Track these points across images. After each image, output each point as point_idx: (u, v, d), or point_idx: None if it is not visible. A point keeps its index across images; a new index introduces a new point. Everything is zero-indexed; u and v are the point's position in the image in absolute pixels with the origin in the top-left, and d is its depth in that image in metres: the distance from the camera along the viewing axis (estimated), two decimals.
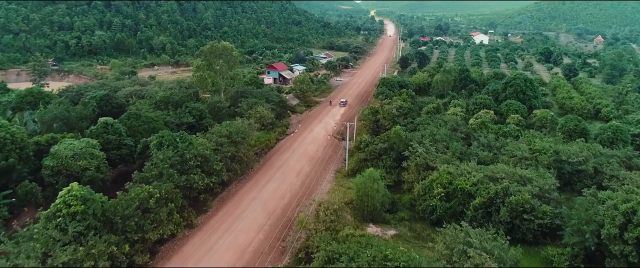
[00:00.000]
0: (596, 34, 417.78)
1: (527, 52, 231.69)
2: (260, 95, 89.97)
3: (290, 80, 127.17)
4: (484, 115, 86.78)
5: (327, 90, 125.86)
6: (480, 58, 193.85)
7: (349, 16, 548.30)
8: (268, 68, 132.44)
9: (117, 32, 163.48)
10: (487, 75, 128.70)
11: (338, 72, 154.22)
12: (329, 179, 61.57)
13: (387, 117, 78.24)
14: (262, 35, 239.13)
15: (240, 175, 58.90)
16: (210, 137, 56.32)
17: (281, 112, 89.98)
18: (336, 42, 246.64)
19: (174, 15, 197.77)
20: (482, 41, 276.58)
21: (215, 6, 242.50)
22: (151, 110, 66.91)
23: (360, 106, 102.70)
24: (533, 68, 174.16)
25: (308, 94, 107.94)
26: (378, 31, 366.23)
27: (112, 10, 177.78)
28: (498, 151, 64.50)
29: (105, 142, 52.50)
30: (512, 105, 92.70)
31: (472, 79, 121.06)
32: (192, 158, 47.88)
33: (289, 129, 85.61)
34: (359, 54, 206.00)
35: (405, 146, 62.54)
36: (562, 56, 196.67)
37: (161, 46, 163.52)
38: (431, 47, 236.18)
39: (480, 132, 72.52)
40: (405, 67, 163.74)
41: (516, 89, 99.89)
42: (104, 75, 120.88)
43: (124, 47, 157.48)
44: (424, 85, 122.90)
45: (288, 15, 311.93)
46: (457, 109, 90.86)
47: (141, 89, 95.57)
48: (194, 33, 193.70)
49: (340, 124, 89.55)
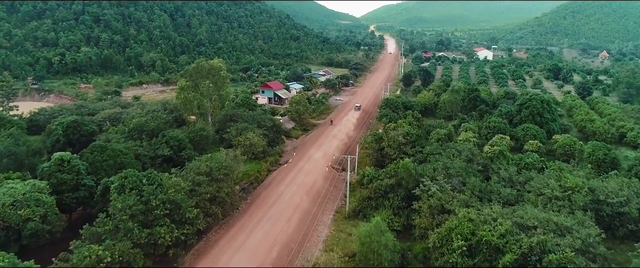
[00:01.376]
0: (599, 49, 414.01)
1: (534, 68, 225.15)
2: (251, 119, 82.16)
3: (286, 100, 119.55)
4: (500, 142, 78.97)
5: (326, 111, 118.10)
6: (487, 75, 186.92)
7: (348, 31, 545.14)
8: (262, 87, 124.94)
9: (105, 48, 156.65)
10: (497, 95, 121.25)
11: (337, 91, 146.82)
12: (327, 222, 53.17)
13: (392, 145, 70.10)
14: (259, 51, 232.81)
15: (223, 219, 50.49)
16: (186, 175, 48.12)
17: (274, 138, 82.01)
18: (336, 58, 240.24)
19: (167, 30, 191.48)
20: (486, 57, 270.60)
21: (211, 21, 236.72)
22: (123, 141, 58.74)
23: (361, 132, 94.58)
24: (542, 86, 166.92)
25: (305, 116, 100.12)
26: (378, 46, 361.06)
27: (101, 25, 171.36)
28: (522, 187, 56.60)
29: (58, 183, 44.37)
30: (530, 130, 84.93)
31: (482, 99, 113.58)
32: (159, 205, 39.64)
33: (283, 158, 77.48)
34: (359, 71, 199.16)
35: (416, 182, 54.45)
36: (571, 73, 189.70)
37: (151, 63, 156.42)
38: (434, 63, 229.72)
39: (499, 163, 64.57)
40: (409, 84, 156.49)
41: (532, 111, 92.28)
42: (85, 95, 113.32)
43: (111, 64, 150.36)
44: (430, 106, 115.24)
45: (286, 30, 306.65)
46: (469, 134, 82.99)
47: (120, 112, 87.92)
48: (187, 49, 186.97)
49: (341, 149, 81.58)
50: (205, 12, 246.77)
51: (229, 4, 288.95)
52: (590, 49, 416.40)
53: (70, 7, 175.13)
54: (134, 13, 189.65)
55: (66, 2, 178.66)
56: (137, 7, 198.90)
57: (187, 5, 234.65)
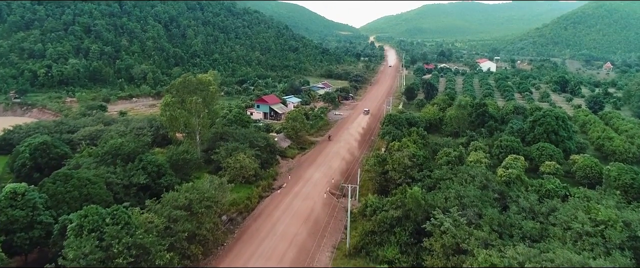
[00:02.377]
0: (602, 60, 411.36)
1: (539, 80, 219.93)
2: (243, 138, 76.00)
3: (283, 115, 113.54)
4: (514, 164, 72.73)
5: (325, 127, 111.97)
6: (491, 87, 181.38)
7: (348, 42, 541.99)
8: (258, 101, 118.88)
9: (95, 60, 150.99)
10: (505, 109, 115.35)
11: (337, 105, 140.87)
12: (325, 261, 46.63)
13: (397, 168, 63.85)
14: (256, 62, 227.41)
15: (204, 260, 43.96)
16: (160, 210, 41.72)
17: (268, 159, 75.69)
18: (335, 70, 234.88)
19: (161, 41, 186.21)
20: (489, 68, 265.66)
21: (207, 32, 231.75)
22: (94, 166, 52.42)
23: (363, 150, 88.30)
24: (550, 99, 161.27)
25: (302, 133, 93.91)
26: (379, 58, 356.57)
27: (92, 36, 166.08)
28: (545, 219, 50.26)
29: (8, 221, 37.93)
30: (546, 150, 78.80)
31: (491, 115, 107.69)
32: (122, 251, 33.20)
33: (277, 181, 71.08)
34: (359, 83, 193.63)
35: (426, 215, 48.24)
36: (579, 85, 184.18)
37: (142, 75, 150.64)
38: (437, 75, 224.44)
39: (517, 190, 58.24)
40: (412, 98, 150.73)
41: (547, 129, 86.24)
42: (69, 111, 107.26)
43: (100, 77, 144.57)
44: (435, 122, 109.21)
45: (285, 41, 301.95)
46: (479, 154, 76.81)
47: (102, 130, 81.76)
48: (181, 61, 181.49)
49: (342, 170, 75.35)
50: (202, 22, 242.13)
51: (227, 14, 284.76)
52: (593, 60, 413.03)
53: (60, 17, 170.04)
54: (127, 23, 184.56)
55: (56, 12, 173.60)
56: (131, 18, 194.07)
57: (182, 16, 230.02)
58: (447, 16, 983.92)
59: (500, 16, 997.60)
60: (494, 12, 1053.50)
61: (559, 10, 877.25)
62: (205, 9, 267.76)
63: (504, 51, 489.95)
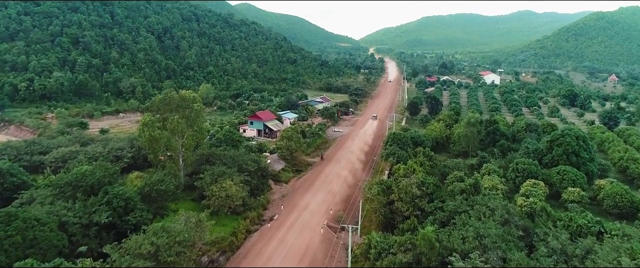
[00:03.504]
0: (604, 72, 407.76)
1: (546, 93, 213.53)
2: (231, 161, 68.68)
3: (278, 132, 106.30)
4: (535, 191, 65.40)
5: (323, 145, 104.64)
6: (498, 102, 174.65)
7: (348, 54, 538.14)
8: (251, 117, 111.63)
9: (81, 73, 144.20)
10: (517, 126, 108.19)
11: (336, 121, 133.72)
12: None
13: (405, 198, 56.44)
14: (252, 75, 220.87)
15: None
16: (119, 261, 34.15)
17: (259, 185, 68.21)
18: (334, 83, 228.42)
19: (153, 53, 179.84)
20: (493, 81, 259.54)
21: (202, 43, 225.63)
22: (50, 201, 44.95)
23: (365, 174, 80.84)
24: (560, 114, 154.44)
25: (297, 153, 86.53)
26: (379, 70, 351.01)
27: (79, 48, 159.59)
28: (581, 263, 42.79)
29: None
30: (567, 174, 71.40)
31: (502, 133, 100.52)
32: None
33: (268, 211, 63.51)
34: (359, 97, 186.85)
35: (441, 261, 40.89)
36: (589, 99, 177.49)
37: (131, 89, 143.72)
38: (440, 88, 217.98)
39: (542, 224, 50.80)
40: (415, 113, 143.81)
41: (566, 150, 78.99)
42: (46, 128, 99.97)
43: (85, 91, 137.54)
44: (442, 140, 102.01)
45: (283, 53, 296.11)
46: (494, 179, 69.49)
47: (77, 151, 74.44)
48: (173, 73, 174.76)
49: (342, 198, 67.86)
50: (197, 33, 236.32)
51: (223, 25, 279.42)
52: (597, 72, 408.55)
53: (47, 28, 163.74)
54: (118, 35, 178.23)
55: (43, 22, 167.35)
56: (122, 29, 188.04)
57: (177, 27, 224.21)
58: (447, 28, 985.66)
59: (500, 28, 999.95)
60: (494, 24, 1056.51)
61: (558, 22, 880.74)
62: (201, 20, 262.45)
63: (506, 63, 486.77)
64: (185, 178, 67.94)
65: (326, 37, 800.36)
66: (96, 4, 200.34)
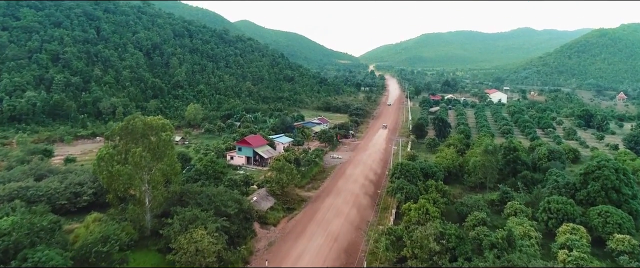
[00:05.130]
0: (610, 89, 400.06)
1: (557, 113, 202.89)
2: (208, 201, 57.16)
3: (269, 160, 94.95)
4: (577, 240, 53.78)
5: (320, 176, 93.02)
6: (509, 122, 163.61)
7: (347, 71, 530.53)
8: (239, 143, 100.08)
9: (58, 92, 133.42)
10: (539, 153, 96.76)
11: (335, 145, 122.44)
12: None
13: (420, 254, 44.85)
14: (246, 93, 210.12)
15: None
16: None
17: (240, 231, 56.45)
18: (333, 102, 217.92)
19: (139, 70, 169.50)
20: (500, 100, 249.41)
21: (194, 60, 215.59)
22: None
23: (369, 221, 69.04)
24: (578, 136, 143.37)
25: (290, 188, 74.90)
26: (380, 87, 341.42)
27: (59, 65, 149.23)
28: None
29: None
30: (611, 216, 59.87)
31: (523, 161, 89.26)
32: None
33: (250, 265, 51.59)
34: (360, 117, 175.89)
35: None
36: (606, 120, 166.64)
37: (111, 110, 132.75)
38: (445, 107, 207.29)
39: None
40: (421, 136, 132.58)
41: (604, 185, 67.60)
42: (6, 155, 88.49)
43: (61, 112, 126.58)
44: (455, 169, 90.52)
45: (280, 70, 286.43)
46: (524, 223, 58.15)
47: (27, 188, 62.80)
48: (160, 92, 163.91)
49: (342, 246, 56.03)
50: (189, 50, 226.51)
51: (218, 41, 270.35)
52: (603, 89, 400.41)
53: (25, 43, 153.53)
54: (102, 51, 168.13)
55: (21, 38, 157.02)
56: (108, 45, 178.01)
57: (167, 43, 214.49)
58: (446, 45, 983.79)
59: (499, 45, 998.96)
60: (493, 41, 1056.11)
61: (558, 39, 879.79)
62: (195, 35, 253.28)
63: (508, 80, 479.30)
64: (153, 221, 56.41)
65: (326, 54, 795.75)
66: (82, 18, 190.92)
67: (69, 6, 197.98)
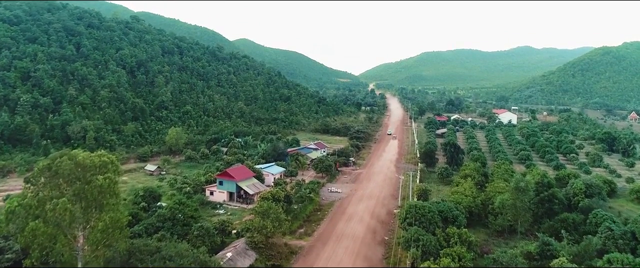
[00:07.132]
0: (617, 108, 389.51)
1: (574, 135, 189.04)
2: (161, 264, 42.55)
3: (256, 196, 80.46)
4: None
5: (315, 216, 78.26)
6: (526, 147, 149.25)
7: (347, 89, 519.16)
8: (220, 176, 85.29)
9: (24, 113, 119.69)
10: (575, 188, 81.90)
11: (334, 175, 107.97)
12: None
13: None
14: (238, 114, 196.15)
15: None
16: None
17: None
18: (332, 124, 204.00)
19: (120, 90, 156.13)
20: (510, 120, 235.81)
21: (182, 79, 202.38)
22: None
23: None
24: (605, 163, 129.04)
25: (276, 237, 60.16)
26: (381, 107, 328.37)
27: (28, 84, 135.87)
28: None
29: None
30: None
31: (561, 200, 74.79)
32: None
33: None
34: (361, 141, 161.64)
35: None
36: (633, 144, 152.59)
37: (81, 135, 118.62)
38: (453, 129, 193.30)
39: None
40: (432, 164, 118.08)
41: None
42: None
43: (22, 137, 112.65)
44: (477, 209, 75.85)
45: (275, 89, 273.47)
46: None
47: None
48: (141, 114, 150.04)
49: None
50: (178, 67, 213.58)
51: (210, 58, 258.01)
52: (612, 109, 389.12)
53: None
54: (80, 69, 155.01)
55: None
56: (87, 62, 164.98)
57: (154, 60, 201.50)
58: (447, 63, 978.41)
59: (500, 63, 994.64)
60: (494, 59, 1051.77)
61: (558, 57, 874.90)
62: (185, 52, 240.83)
63: (512, 99, 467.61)
64: None
65: (325, 73, 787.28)
66: (61, 34, 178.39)
67: (48, 21, 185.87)
